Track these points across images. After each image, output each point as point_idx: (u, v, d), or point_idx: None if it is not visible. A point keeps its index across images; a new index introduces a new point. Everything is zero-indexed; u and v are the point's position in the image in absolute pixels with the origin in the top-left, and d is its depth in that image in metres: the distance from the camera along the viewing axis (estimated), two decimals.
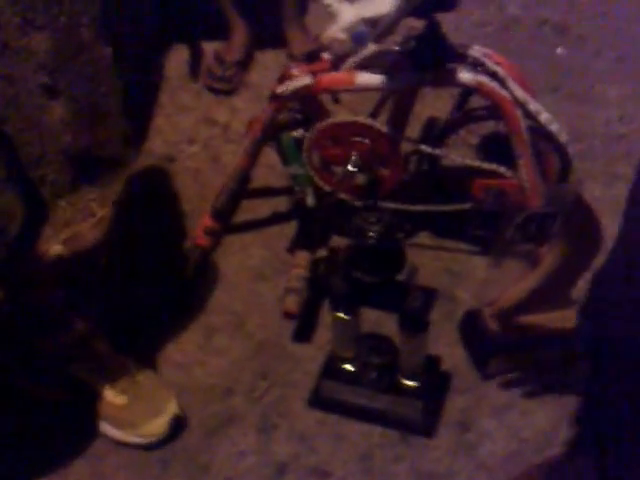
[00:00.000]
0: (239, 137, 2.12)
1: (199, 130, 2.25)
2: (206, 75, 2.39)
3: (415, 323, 1.44)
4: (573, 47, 2.44)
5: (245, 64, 2.42)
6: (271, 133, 1.81)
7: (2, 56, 1.44)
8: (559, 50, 2.44)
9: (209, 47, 2.46)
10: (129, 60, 2.07)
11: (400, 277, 1.39)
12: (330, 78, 1.71)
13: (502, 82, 1.59)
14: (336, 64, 1.72)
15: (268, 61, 2.46)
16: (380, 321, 1.66)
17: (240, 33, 2.41)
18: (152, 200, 2.04)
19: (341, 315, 1.49)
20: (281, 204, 2.01)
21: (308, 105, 1.77)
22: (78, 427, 1.57)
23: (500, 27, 2.55)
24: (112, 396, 1.52)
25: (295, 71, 1.72)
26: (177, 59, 2.46)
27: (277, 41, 2.44)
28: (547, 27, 2.52)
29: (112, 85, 1.95)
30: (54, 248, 1.71)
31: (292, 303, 1.71)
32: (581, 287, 1.44)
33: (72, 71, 1.73)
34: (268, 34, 2.47)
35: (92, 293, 1.72)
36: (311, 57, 2.30)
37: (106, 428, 1.54)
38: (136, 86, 2.13)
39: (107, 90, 1.93)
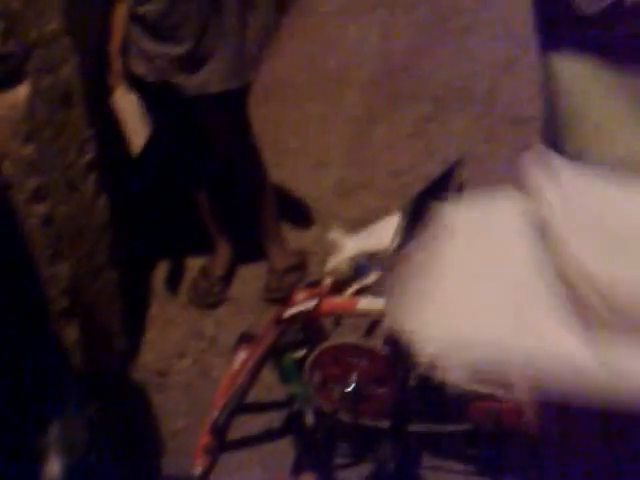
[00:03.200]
0: (227, 350, 2.17)
1: (188, 343, 2.30)
2: (192, 289, 2.47)
3: None
4: None
5: (228, 278, 2.52)
6: (273, 353, 1.89)
7: (34, 283, 1.51)
8: None
9: (192, 262, 2.56)
10: (129, 276, 2.15)
11: None
12: (332, 303, 1.81)
13: None
14: (338, 288, 1.84)
15: (248, 274, 2.56)
16: None
17: (224, 249, 2.52)
18: (143, 417, 2.05)
19: None
20: (274, 421, 2.04)
21: (309, 327, 1.86)
22: None
23: None
24: None
25: (300, 296, 1.83)
26: (164, 272, 2.54)
27: (256, 255, 2.56)
28: None
29: (118, 305, 2.04)
30: None
31: None
32: None
33: (87, 295, 1.82)
34: (248, 249, 2.58)
35: None
36: (292, 270, 2.45)
37: None
38: (129, 302, 2.20)
39: (114, 310, 2.02)
